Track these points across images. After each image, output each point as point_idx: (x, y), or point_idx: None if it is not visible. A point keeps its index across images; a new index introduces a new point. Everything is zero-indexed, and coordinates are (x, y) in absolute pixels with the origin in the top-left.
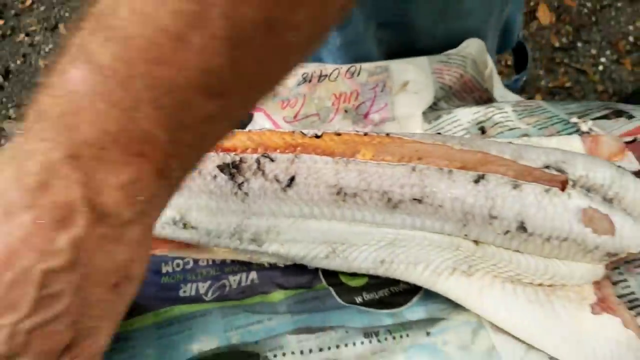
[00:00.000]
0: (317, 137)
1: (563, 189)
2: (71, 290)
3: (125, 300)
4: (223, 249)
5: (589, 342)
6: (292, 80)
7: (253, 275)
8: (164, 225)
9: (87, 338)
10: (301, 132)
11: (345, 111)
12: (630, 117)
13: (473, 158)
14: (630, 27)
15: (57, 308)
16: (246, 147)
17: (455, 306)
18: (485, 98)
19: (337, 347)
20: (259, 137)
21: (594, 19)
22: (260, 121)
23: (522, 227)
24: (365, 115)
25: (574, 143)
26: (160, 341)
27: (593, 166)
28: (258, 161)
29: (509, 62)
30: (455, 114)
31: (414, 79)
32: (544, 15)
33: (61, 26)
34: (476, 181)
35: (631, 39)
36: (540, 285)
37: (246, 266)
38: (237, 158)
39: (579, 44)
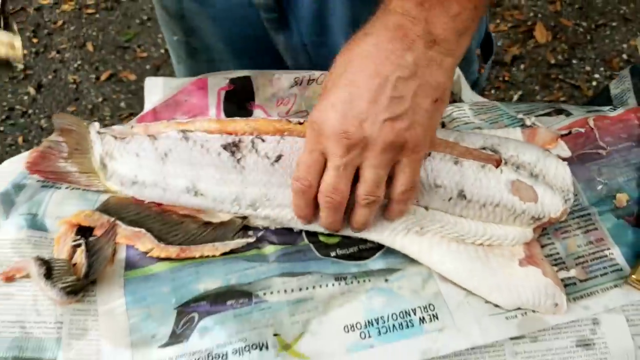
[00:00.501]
0: (300, 124)
1: (497, 166)
2: (410, 95)
3: (438, 119)
4: (226, 213)
5: (516, 288)
6: (286, 82)
7: (250, 234)
8: (179, 194)
9: (416, 145)
10: (287, 119)
11: None
12: (569, 114)
13: None
14: (624, 45)
15: (401, 107)
16: (244, 131)
17: (411, 261)
18: (450, 100)
19: (313, 287)
20: (255, 123)
21: (589, 37)
22: (258, 115)
23: (462, 195)
24: None
25: (515, 134)
26: (175, 282)
27: (522, 148)
28: (252, 142)
29: (507, 78)
30: None
31: None
32: (541, 34)
33: (89, 44)
34: (424, 158)
35: (625, 56)
36: (480, 244)
37: (245, 228)
38: (237, 139)
39: (574, 61)
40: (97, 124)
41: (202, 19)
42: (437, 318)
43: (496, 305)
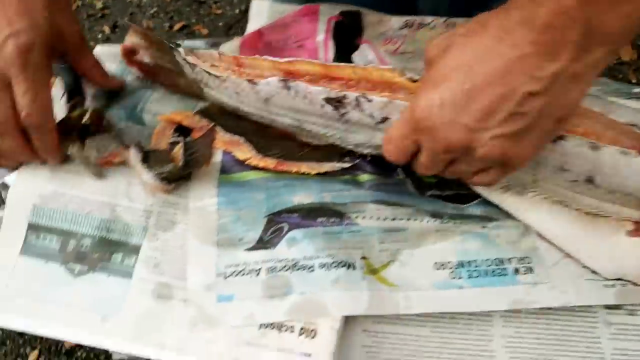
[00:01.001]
0: (413, 81)
1: None
2: (533, 114)
3: (550, 138)
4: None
5: (620, 258)
6: (396, 23)
7: (346, 159)
8: (285, 127)
9: (519, 164)
10: (400, 70)
11: None
12: None
13: None
14: None
15: (518, 125)
16: (350, 78)
17: (509, 214)
18: None
19: (408, 219)
20: (363, 71)
21: None
22: (365, 51)
23: (589, 180)
24: None
25: None
26: (269, 191)
27: None
28: (357, 100)
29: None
30: None
31: None
32: (626, 52)
33: None
34: (554, 141)
35: None
36: (587, 213)
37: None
38: (341, 94)
39: None
40: (182, 50)
41: None
42: (532, 271)
43: (594, 272)
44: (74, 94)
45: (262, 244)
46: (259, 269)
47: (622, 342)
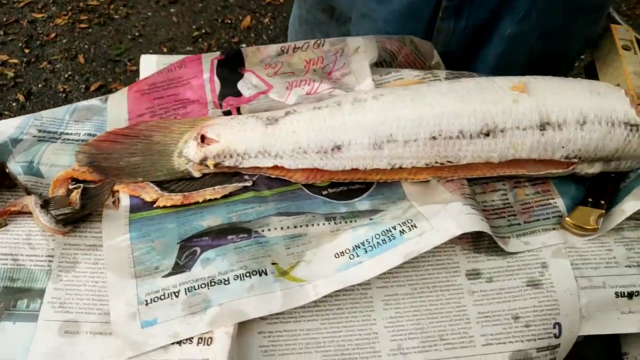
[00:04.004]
0: None
1: None
2: None
3: None
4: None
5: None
6: (273, 51)
7: (246, 178)
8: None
9: None
10: None
11: (314, 71)
12: None
13: None
14: None
15: None
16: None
17: (393, 202)
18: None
19: (307, 225)
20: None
21: None
22: (249, 78)
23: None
24: (329, 73)
25: None
26: (179, 219)
27: None
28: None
29: None
30: (402, 73)
31: (362, 44)
32: None
33: (80, 56)
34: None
35: None
36: None
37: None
38: None
39: None
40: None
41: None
42: (415, 227)
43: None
44: None
45: (178, 268)
46: (178, 291)
47: (484, 306)
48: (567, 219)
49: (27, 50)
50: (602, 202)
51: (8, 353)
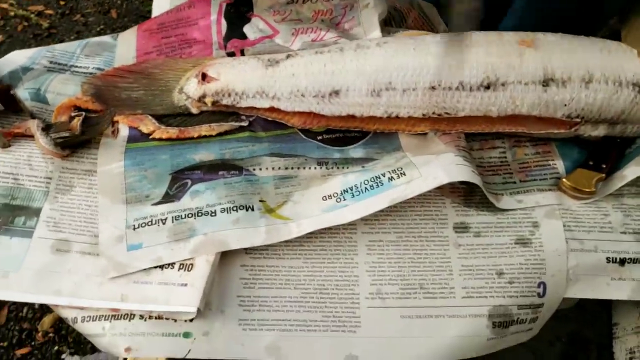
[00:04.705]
0: None
1: None
2: None
3: None
4: None
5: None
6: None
7: (243, 118)
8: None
9: None
10: None
11: (322, 20)
12: None
13: None
14: None
15: None
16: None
17: (388, 152)
18: None
19: (298, 168)
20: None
21: None
22: (256, 22)
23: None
24: (337, 24)
25: None
26: (173, 152)
27: None
28: None
29: None
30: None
31: (372, 0)
32: None
33: (113, 11)
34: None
35: None
36: None
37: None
38: None
39: None
40: None
41: None
42: (404, 174)
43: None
44: None
45: (168, 197)
46: (165, 219)
47: (469, 260)
48: (564, 180)
49: (62, 3)
50: (604, 165)
51: (3, 264)
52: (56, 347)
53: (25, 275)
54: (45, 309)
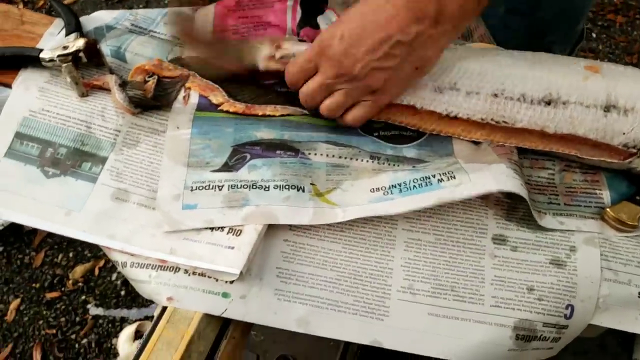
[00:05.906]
0: None
1: None
2: (400, 57)
3: (409, 83)
4: None
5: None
6: None
7: None
8: None
9: (384, 92)
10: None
11: None
12: None
13: None
14: None
15: (389, 63)
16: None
17: (440, 156)
18: None
19: (351, 158)
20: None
21: None
22: (329, 15)
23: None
24: None
25: None
26: (237, 126)
27: None
28: None
29: None
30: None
31: None
32: None
33: None
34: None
35: None
36: None
37: None
38: None
39: None
40: None
41: None
42: (454, 178)
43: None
44: (72, 31)
45: (227, 167)
46: (222, 185)
47: (502, 272)
48: (608, 210)
49: None
50: None
51: (68, 202)
52: (83, 297)
53: (86, 216)
54: (78, 259)
